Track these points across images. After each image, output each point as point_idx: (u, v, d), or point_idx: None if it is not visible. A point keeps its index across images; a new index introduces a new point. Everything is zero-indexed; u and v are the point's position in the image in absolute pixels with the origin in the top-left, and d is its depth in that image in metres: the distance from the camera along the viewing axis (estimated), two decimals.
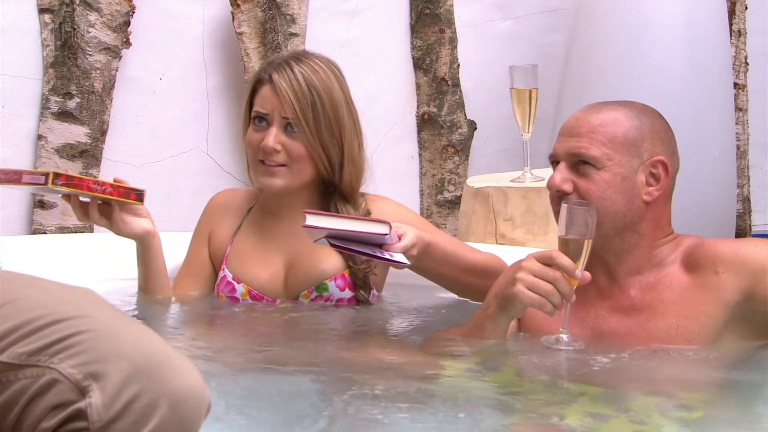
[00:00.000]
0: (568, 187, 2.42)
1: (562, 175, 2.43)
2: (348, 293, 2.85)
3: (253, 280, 2.87)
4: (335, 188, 2.85)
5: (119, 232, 2.77)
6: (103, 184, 2.71)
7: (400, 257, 2.57)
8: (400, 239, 2.58)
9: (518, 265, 2.36)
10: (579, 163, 2.42)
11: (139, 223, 2.77)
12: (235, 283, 2.87)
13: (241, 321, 2.84)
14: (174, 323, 2.86)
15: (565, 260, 2.32)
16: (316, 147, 2.79)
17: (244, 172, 3.15)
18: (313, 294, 2.84)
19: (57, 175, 2.65)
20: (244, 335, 2.73)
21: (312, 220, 2.53)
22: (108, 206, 2.75)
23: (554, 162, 2.47)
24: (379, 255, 2.56)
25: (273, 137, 2.78)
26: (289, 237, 2.87)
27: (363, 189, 2.90)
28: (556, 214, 2.45)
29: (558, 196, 2.43)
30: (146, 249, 2.82)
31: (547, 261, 2.33)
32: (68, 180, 2.67)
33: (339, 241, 2.55)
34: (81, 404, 1.43)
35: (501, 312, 2.40)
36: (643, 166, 2.43)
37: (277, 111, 2.79)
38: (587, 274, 2.33)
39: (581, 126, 2.44)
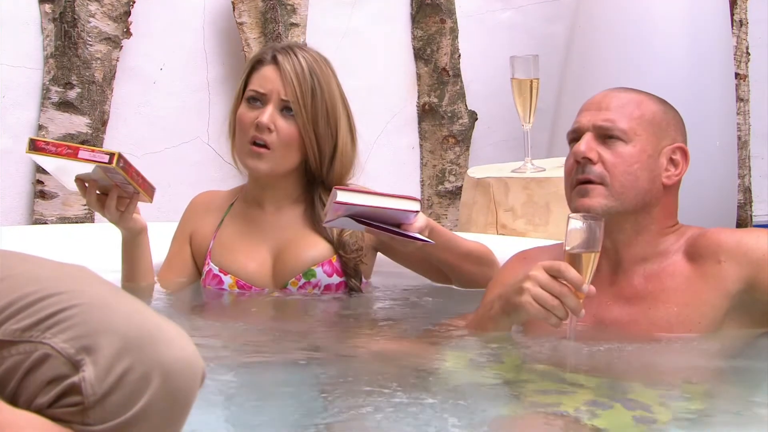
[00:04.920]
0: (593, 155, 2.40)
1: (588, 144, 2.41)
2: (336, 279, 2.84)
3: (239, 270, 2.86)
4: (319, 181, 2.86)
5: (125, 224, 2.77)
6: (139, 174, 2.68)
7: (423, 237, 2.58)
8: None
9: (526, 274, 2.34)
10: (606, 137, 2.41)
11: (139, 219, 2.80)
12: (221, 275, 2.86)
13: (230, 311, 2.83)
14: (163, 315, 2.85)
15: (573, 274, 2.28)
16: (308, 133, 2.79)
17: None
18: (301, 281, 2.83)
19: (120, 157, 2.58)
20: (234, 326, 2.72)
21: (343, 196, 2.50)
22: (120, 199, 2.73)
23: (573, 139, 2.46)
24: (406, 233, 2.56)
25: (268, 115, 2.79)
26: (275, 228, 2.88)
27: (360, 181, 2.91)
28: (569, 195, 2.44)
29: (581, 167, 2.40)
30: (139, 244, 2.82)
31: (555, 273, 2.30)
32: (125, 163, 2.62)
33: (362, 219, 2.54)
34: (75, 378, 1.44)
35: (504, 316, 2.38)
36: (666, 150, 2.44)
37: (276, 92, 2.80)
38: (593, 289, 2.31)
39: (611, 101, 2.44)
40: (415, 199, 2.58)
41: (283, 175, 2.84)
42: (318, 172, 2.84)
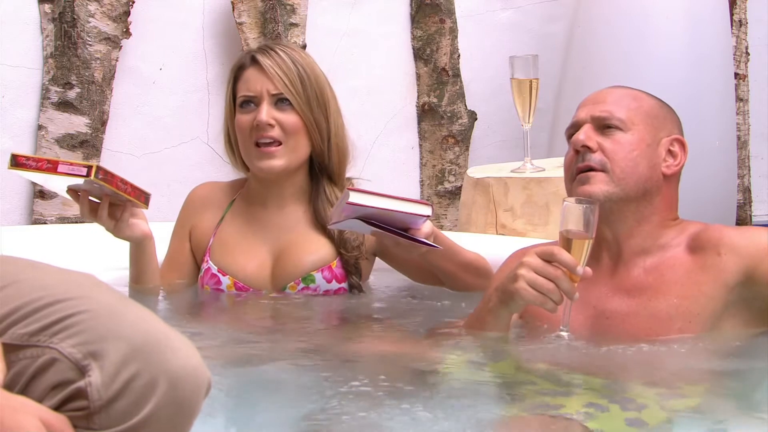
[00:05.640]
0: (593, 143, 2.43)
1: (587, 133, 2.44)
2: (335, 285, 2.84)
3: (238, 271, 2.85)
4: (322, 172, 2.85)
5: (121, 233, 2.74)
6: (126, 183, 2.63)
7: (430, 242, 2.58)
8: None
9: (520, 261, 2.35)
10: (604, 127, 2.45)
11: (139, 227, 2.75)
12: (220, 275, 2.85)
13: (229, 312, 2.83)
14: (162, 317, 2.84)
15: (566, 257, 2.29)
16: (309, 117, 2.80)
17: None
18: (300, 285, 2.83)
19: (98, 169, 2.55)
20: (233, 327, 2.71)
21: (356, 197, 2.50)
22: (114, 207, 2.72)
23: (572, 134, 2.48)
24: (414, 238, 2.56)
25: (265, 112, 2.79)
26: (277, 227, 2.87)
27: (361, 179, 2.91)
28: (569, 187, 2.45)
29: (580, 155, 2.42)
30: (143, 251, 2.80)
31: (548, 257, 2.30)
32: (105, 175, 2.57)
33: (370, 221, 2.54)
34: (81, 383, 1.44)
35: (502, 306, 2.39)
36: (664, 141, 2.47)
37: (265, 89, 2.80)
38: (588, 270, 2.32)
39: (607, 95, 2.49)
40: (427, 204, 2.58)
41: (294, 171, 2.84)
42: (322, 159, 2.84)
